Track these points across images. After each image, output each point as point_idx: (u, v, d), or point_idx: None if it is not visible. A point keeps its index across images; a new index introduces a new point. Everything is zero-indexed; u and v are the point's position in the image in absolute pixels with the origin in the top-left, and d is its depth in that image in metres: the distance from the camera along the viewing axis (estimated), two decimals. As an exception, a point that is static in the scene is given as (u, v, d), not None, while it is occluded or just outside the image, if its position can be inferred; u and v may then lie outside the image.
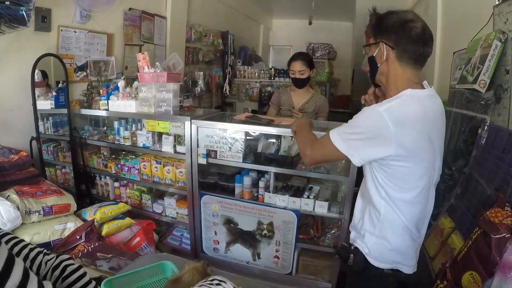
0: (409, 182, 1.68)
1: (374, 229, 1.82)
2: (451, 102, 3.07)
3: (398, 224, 1.75)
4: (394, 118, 1.57)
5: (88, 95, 4.05)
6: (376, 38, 1.77)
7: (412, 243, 1.83)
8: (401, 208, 1.72)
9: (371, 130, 1.63)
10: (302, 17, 11.01)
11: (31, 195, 2.89)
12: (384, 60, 1.74)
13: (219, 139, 3.19)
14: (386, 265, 1.82)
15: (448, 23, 4.13)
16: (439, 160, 1.79)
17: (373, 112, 1.63)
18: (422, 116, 1.63)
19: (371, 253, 1.83)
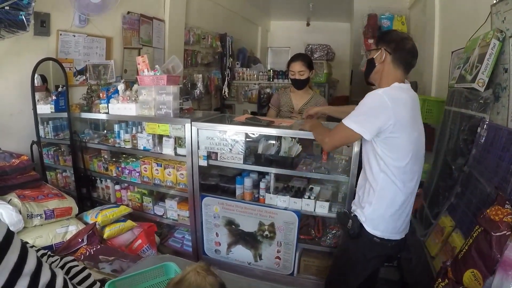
0: (402, 151, 2.13)
1: (372, 200, 2.24)
2: (450, 101, 3.07)
3: (393, 193, 2.19)
4: (390, 97, 2.07)
5: (88, 99, 4.06)
6: (378, 45, 2.28)
7: (404, 211, 2.25)
8: (397, 175, 2.15)
9: (374, 107, 2.11)
10: (300, 19, 11.02)
11: (32, 198, 2.90)
12: (381, 62, 2.24)
13: (220, 141, 3.20)
14: (378, 233, 2.23)
15: (446, 22, 4.14)
16: (422, 139, 2.27)
17: (373, 95, 2.13)
18: (409, 100, 2.15)
19: (367, 221, 2.25)
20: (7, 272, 0.73)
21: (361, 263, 2.34)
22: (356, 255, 2.35)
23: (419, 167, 2.27)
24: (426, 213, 3.08)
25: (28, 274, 0.78)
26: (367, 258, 2.31)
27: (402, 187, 2.18)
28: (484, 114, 2.40)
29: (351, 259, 2.39)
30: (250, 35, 10.35)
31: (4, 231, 0.76)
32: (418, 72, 5.08)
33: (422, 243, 2.87)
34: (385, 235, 2.23)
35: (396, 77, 2.21)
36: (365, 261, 2.32)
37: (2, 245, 0.73)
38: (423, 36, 4.90)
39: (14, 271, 0.75)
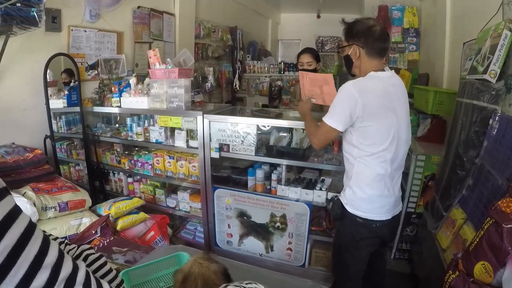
0: (376, 137, 2.22)
1: (349, 182, 2.39)
2: (461, 93, 3.05)
3: (368, 176, 2.30)
4: (358, 88, 2.17)
5: (100, 93, 4.10)
6: (348, 41, 2.36)
7: (383, 193, 2.34)
8: (371, 160, 2.26)
9: (343, 99, 2.21)
10: (310, 11, 10.95)
11: (46, 191, 2.94)
12: (357, 57, 2.33)
13: (231, 133, 3.22)
14: (360, 213, 2.35)
15: (457, 14, 4.10)
16: (405, 121, 2.35)
17: (343, 89, 2.22)
18: (381, 88, 2.23)
19: (348, 202, 2.39)
20: (27, 264, 0.74)
21: (351, 244, 2.45)
22: (346, 236, 2.48)
23: (400, 150, 2.35)
24: (437, 206, 3.07)
25: (49, 266, 0.79)
26: (356, 239, 2.41)
27: (379, 170, 2.29)
28: (496, 106, 2.38)
29: (344, 240, 2.52)
30: (260, 28, 10.33)
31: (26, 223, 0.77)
32: (430, 64, 5.06)
33: (433, 236, 2.87)
34: (368, 215, 2.34)
35: (372, 67, 2.30)
36: (354, 241, 2.42)
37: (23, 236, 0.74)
38: (435, 28, 4.87)
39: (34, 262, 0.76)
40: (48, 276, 0.78)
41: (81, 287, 0.86)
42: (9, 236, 0.71)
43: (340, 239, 2.58)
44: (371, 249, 2.49)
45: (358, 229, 2.39)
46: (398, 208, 2.49)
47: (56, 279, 0.80)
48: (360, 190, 2.33)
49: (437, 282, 2.29)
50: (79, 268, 0.89)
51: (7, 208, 0.73)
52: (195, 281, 1.40)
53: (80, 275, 0.87)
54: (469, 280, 1.77)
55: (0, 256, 0.69)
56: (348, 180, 2.40)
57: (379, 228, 2.37)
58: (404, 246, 3.69)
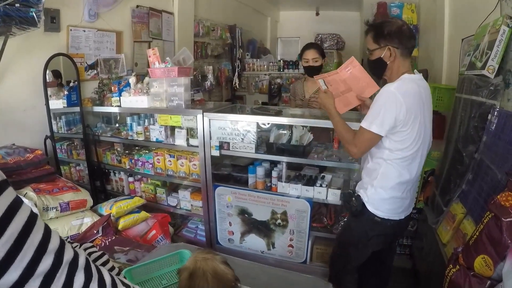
0: (410, 142, 2.21)
1: (373, 181, 2.36)
2: (460, 88, 3.06)
3: (394, 178, 2.29)
4: (401, 92, 2.13)
5: (99, 93, 4.10)
6: (380, 43, 2.29)
7: (402, 196, 2.35)
8: (400, 163, 2.26)
9: (387, 103, 2.14)
10: (309, 8, 10.94)
11: (48, 192, 2.94)
12: (392, 59, 2.27)
13: (231, 131, 3.23)
14: (379, 213, 2.36)
15: (455, 10, 4.10)
16: (429, 128, 2.34)
17: (387, 93, 2.16)
18: (417, 91, 2.20)
19: (369, 200, 2.38)
20: (33, 249, 0.78)
21: (362, 240, 2.47)
22: (359, 232, 2.48)
23: (424, 154, 2.36)
24: (437, 201, 3.08)
25: (53, 251, 0.83)
26: (369, 236, 2.44)
27: (405, 173, 2.29)
28: (495, 101, 2.39)
29: (354, 236, 2.53)
30: (259, 26, 10.32)
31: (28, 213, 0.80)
32: (428, 59, 5.06)
33: (433, 231, 2.88)
34: (386, 215, 2.36)
35: (405, 68, 2.28)
36: (366, 238, 2.45)
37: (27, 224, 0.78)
38: (433, 24, 4.87)
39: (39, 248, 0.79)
40: (53, 260, 0.82)
41: (83, 271, 0.90)
42: (13, 225, 0.75)
43: (350, 234, 2.58)
44: (377, 247, 2.51)
45: (373, 227, 2.41)
46: (411, 209, 2.51)
47: (60, 263, 0.84)
48: (384, 191, 2.33)
49: (438, 276, 2.31)
50: (80, 254, 0.92)
51: (10, 199, 0.76)
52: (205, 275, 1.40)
53: (81, 260, 0.91)
54: (470, 274, 1.78)
55: (7, 243, 0.72)
56: (372, 180, 2.38)
57: (392, 226, 2.40)
58: (405, 241, 3.71)
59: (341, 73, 2.69)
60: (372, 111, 2.21)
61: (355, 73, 2.65)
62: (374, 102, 2.23)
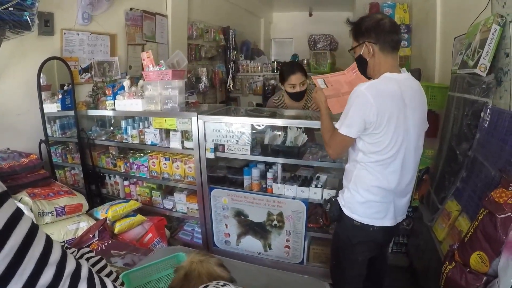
0: (385, 145, 2.08)
1: (348, 184, 2.30)
2: (453, 87, 3.08)
3: (368, 182, 2.19)
4: (372, 92, 2.01)
5: (94, 96, 4.09)
6: (358, 40, 2.22)
7: (383, 200, 2.21)
8: (374, 167, 2.15)
9: (355, 104, 2.06)
10: (302, 9, 10.97)
11: (43, 196, 2.93)
12: (371, 55, 2.17)
13: (226, 133, 3.23)
14: (356, 217, 2.26)
15: (447, 9, 4.13)
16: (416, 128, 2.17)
17: (356, 93, 2.07)
18: (396, 91, 2.05)
19: (346, 204, 2.31)
20: (34, 262, 0.77)
21: (348, 247, 2.37)
22: (343, 238, 2.40)
23: (408, 160, 2.18)
24: (432, 198, 3.10)
25: (54, 263, 0.82)
26: (353, 243, 2.32)
27: (381, 178, 2.16)
28: (487, 99, 2.41)
29: (340, 243, 2.46)
30: (253, 28, 10.34)
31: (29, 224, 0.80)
32: (421, 59, 5.08)
33: (429, 228, 2.89)
34: (364, 220, 2.25)
35: (388, 66, 2.14)
36: (351, 245, 2.34)
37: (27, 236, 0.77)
38: (426, 23, 4.89)
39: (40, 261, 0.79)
40: (54, 273, 0.82)
41: (85, 282, 0.89)
42: (14, 237, 0.74)
43: (337, 242, 2.53)
44: (368, 254, 2.40)
45: (354, 233, 2.30)
46: (402, 216, 2.37)
47: (62, 275, 0.84)
48: (358, 194, 2.22)
49: (434, 273, 2.32)
50: (82, 265, 0.92)
51: (10, 210, 0.76)
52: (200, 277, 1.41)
53: (83, 271, 0.90)
54: (466, 270, 1.80)
55: (7, 256, 0.72)
56: (348, 182, 2.31)
57: (376, 232, 2.27)
58: (401, 239, 3.72)
59: (348, 74, 2.70)
60: (343, 112, 2.16)
61: (360, 75, 2.51)
62: (347, 102, 2.15)
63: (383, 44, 2.12)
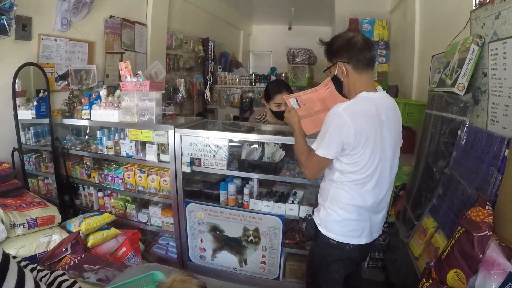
0: (362, 165, 2.08)
1: (324, 202, 2.26)
2: (430, 105, 3.11)
3: (344, 200, 2.17)
4: (349, 113, 2.00)
5: (69, 105, 4.02)
6: (332, 60, 2.22)
7: (359, 218, 2.21)
8: (351, 186, 2.14)
9: (332, 125, 2.03)
10: (282, 23, 11.05)
11: (15, 207, 2.86)
12: (345, 75, 2.16)
13: (203, 147, 3.20)
14: (332, 235, 2.23)
15: (426, 27, 4.19)
16: (391, 150, 2.18)
17: (333, 114, 2.05)
18: (373, 111, 2.06)
19: (322, 223, 2.27)
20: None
21: (323, 266, 2.35)
22: (318, 257, 2.39)
23: (384, 178, 2.20)
24: (409, 215, 3.11)
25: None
26: (328, 261, 2.31)
27: (357, 197, 2.16)
28: (464, 117, 2.44)
29: (315, 262, 2.43)
30: (232, 39, 10.37)
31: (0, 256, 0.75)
32: (399, 75, 5.15)
33: (405, 244, 2.90)
34: (340, 238, 2.22)
35: (363, 85, 2.14)
36: (326, 263, 2.32)
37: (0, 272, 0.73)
38: (404, 40, 4.96)
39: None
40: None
41: None
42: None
43: (313, 260, 2.48)
44: (345, 272, 2.39)
45: (330, 251, 2.28)
46: (378, 232, 2.38)
47: None
48: (334, 212, 2.20)
49: (411, 289, 2.32)
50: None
51: None
52: None
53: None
54: (443, 288, 1.80)
55: None
56: (323, 201, 2.28)
57: (352, 250, 2.26)
58: (377, 255, 3.73)
59: (321, 90, 2.61)
60: (320, 133, 2.13)
61: (334, 92, 2.47)
62: (324, 124, 2.13)
63: (356, 63, 2.12)
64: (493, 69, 2.20)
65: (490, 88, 2.22)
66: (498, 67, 2.14)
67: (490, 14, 2.28)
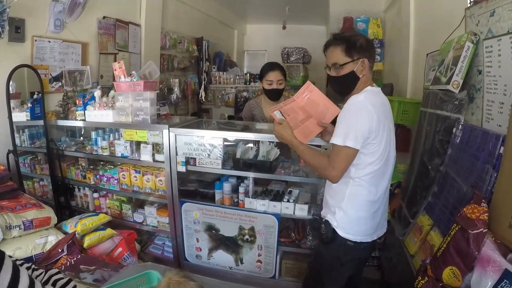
0: (378, 155, 2.13)
1: (341, 203, 2.23)
2: (425, 103, 3.12)
3: (364, 198, 2.19)
4: (370, 102, 2.08)
5: (64, 106, 4.01)
6: (352, 56, 2.16)
7: (374, 215, 2.25)
8: (367, 179, 2.16)
9: (359, 114, 2.06)
10: (276, 22, 11.02)
11: (10, 209, 2.84)
12: (365, 72, 2.19)
13: (198, 146, 3.20)
14: (351, 237, 2.21)
15: (420, 25, 4.20)
16: (393, 140, 2.27)
17: (356, 104, 2.10)
18: (382, 104, 2.17)
19: (339, 225, 2.23)
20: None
21: (335, 267, 2.32)
22: (331, 259, 2.32)
23: (391, 169, 2.27)
24: (404, 213, 3.12)
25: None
26: (342, 262, 2.28)
27: (373, 190, 2.19)
28: (459, 115, 2.44)
29: (326, 264, 2.37)
30: (226, 39, 10.35)
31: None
32: (394, 74, 5.15)
33: (401, 242, 2.90)
34: (358, 238, 2.22)
35: (369, 80, 2.24)
36: (339, 265, 2.29)
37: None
38: (399, 39, 4.97)
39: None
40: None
41: None
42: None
43: (322, 262, 2.40)
44: (353, 272, 2.41)
45: (346, 252, 2.25)
46: (384, 229, 2.41)
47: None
48: (354, 213, 2.20)
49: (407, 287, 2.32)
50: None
51: None
52: None
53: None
54: (439, 285, 1.80)
55: None
56: (340, 201, 2.23)
57: (367, 248, 2.31)
58: (373, 253, 3.73)
59: (298, 99, 2.50)
60: (344, 125, 2.08)
61: (313, 98, 2.47)
62: (343, 116, 2.10)
63: (372, 60, 2.23)
64: (488, 66, 2.21)
65: (485, 85, 2.23)
66: (493, 65, 2.15)
67: (485, 11, 2.28)
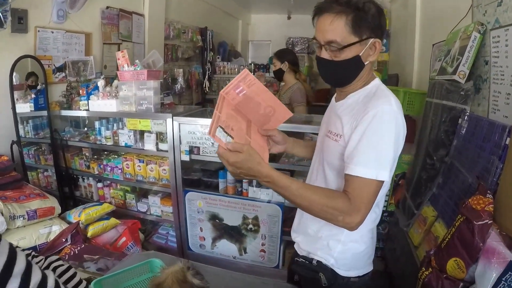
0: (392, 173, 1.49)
1: (340, 236, 1.66)
2: (431, 93, 3.10)
3: (368, 224, 1.61)
4: (400, 108, 1.47)
5: (67, 96, 4.01)
6: (361, 34, 1.45)
7: (373, 239, 1.81)
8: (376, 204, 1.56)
9: (395, 133, 1.42)
10: (281, 12, 10.95)
11: (14, 199, 2.85)
12: (372, 57, 1.53)
13: (202, 135, 3.19)
14: (354, 272, 1.72)
15: (427, 15, 4.16)
16: None
17: (388, 115, 1.41)
18: None
19: (338, 262, 1.68)
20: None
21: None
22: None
23: None
24: (408, 204, 3.11)
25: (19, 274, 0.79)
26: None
27: (377, 211, 1.71)
28: (465, 106, 2.42)
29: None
30: (230, 29, 10.31)
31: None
32: (399, 64, 5.12)
33: (405, 233, 2.90)
34: (361, 271, 1.75)
35: (372, 69, 1.66)
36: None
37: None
38: (405, 29, 4.93)
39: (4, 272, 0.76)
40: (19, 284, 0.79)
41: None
42: None
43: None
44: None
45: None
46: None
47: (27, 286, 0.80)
48: (358, 244, 1.70)
49: (410, 278, 2.31)
50: (48, 276, 0.89)
51: None
52: None
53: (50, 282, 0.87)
54: (443, 276, 1.79)
55: None
56: (338, 233, 1.66)
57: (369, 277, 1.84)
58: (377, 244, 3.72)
59: (228, 96, 1.57)
60: (373, 147, 1.41)
61: (251, 95, 1.55)
62: (371, 132, 1.41)
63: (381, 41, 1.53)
64: (495, 57, 2.19)
65: (492, 76, 2.21)
66: (500, 55, 2.13)
67: (492, 1, 2.26)
